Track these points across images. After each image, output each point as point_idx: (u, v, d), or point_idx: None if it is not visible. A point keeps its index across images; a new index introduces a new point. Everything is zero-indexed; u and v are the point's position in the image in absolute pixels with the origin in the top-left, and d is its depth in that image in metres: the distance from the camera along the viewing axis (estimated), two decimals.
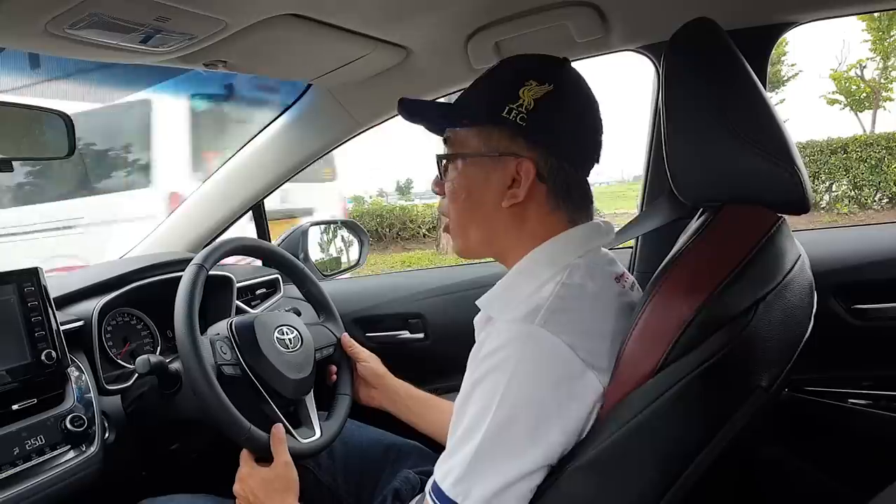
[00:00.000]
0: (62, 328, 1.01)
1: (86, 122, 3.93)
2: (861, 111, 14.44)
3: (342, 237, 1.81)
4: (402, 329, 1.58)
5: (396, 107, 0.83)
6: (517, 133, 0.73)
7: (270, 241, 1.64)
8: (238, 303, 1.38)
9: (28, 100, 1.11)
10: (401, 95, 1.35)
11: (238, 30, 0.93)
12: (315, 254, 1.70)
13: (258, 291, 1.54)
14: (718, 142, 0.68)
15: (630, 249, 1.35)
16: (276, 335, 1.03)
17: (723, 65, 0.71)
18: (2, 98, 1.00)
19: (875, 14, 10.69)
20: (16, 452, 0.88)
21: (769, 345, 0.64)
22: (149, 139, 3.94)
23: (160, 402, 1.03)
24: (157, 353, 1.23)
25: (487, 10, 1.07)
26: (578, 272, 0.72)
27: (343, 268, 1.79)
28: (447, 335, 1.52)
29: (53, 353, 0.96)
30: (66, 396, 0.99)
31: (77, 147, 1.05)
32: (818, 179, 9.55)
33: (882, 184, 9.32)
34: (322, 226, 1.77)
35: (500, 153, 0.74)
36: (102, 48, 0.92)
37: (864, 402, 1.16)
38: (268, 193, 1.58)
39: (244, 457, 0.93)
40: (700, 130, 0.70)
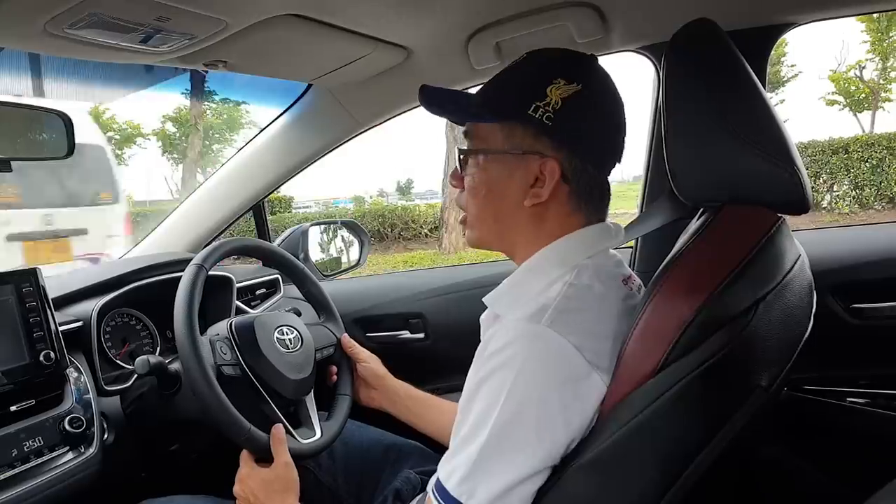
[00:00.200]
0: (61, 329, 1.00)
1: None
2: (860, 112, 14.49)
3: (342, 237, 1.81)
4: (403, 329, 1.58)
5: (397, 106, 0.83)
6: (542, 132, 0.72)
7: (271, 242, 1.64)
8: (238, 303, 1.38)
9: (27, 100, 1.11)
10: (401, 96, 1.35)
11: (238, 30, 0.93)
12: (315, 254, 1.70)
13: (258, 292, 1.54)
14: (718, 142, 0.68)
15: (630, 249, 1.35)
16: (276, 335, 1.03)
17: (723, 65, 0.71)
18: (0, 98, 1.00)
19: (874, 15, 10.72)
20: (14, 454, 0.88)
21: (769, 344, 0.64)
22: None
23: (160, 403, 1.03)
24: (157, 354, 1.23)
25: (488, 11, 1.07)
26: (586, 273, 0.72)
27: (343, 268, 1.79)
28: (448, 335, 1.52)
29: (52, 354, 0.96)
30: (65, 397, 0.98)
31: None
32: (819, 179, 9.55)
33: (883, 184, 9.33)
34: (322, 226, 1.77)
35: (524, 151, 0.73)
36: (102, 48, 0.92)
37: (863, 401, 1.16)
38: (268, 193, 1.58)
39: (244, 457, 0.93)
40: (700, 131, 0.70)
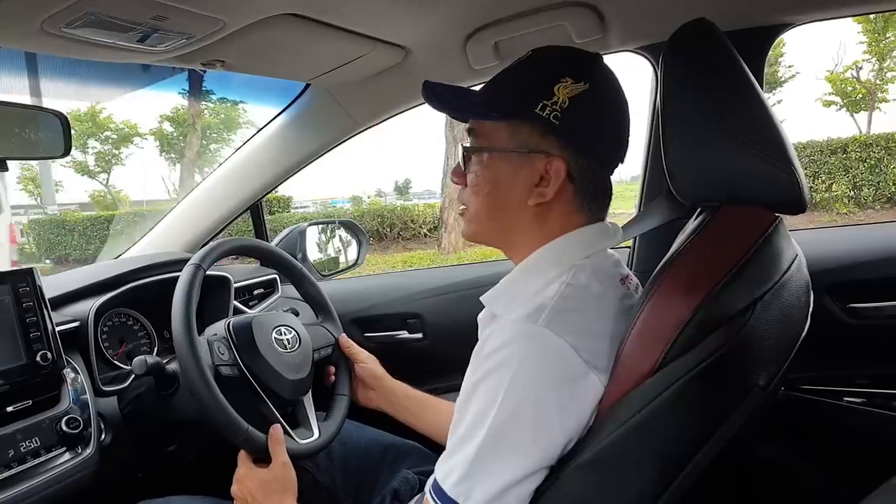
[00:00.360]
0: (58, 329, 1.00)
1: None
2: (857, 112, 14.52)
3: (340, 237, 1.81)
4: (401, 329, 1.58)
5: (395, 106, 0.82)
6: (549, 131, 0.72)
7: (268, 242, 1.64)
8: (236, 303, 1.38)
9: (24, 99, 1.10)
10: (399, 95, 1.35)
11: (236, 29, 0.93)
12: (313, 254, 1.69)
13: (256, 292, 1.54)
14: (716, 142, 0.68)
15: (628, 249, 1.36)
16: (274, 335, 1.03)
17: (720, 65, 0.71)
18: None
19: (871, 16, 10.74)
20: (10, 455, 0.87)
21: (766, 344, 0.64)
22: None
23: (157, 404, 1.02)
24: (154, 354, 1.23)
25: (486, 11, 1.07)
26: (584, 273, 0.72)
27: (341, 268, 1.79)
28: (446, 335, 1.52)
29: (49, 355, 0.96)
30: (62, 398, 0.98)
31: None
32: (818, 179, 9.56)
33: (882, 184, 9.34)
34: (320, 226, 1.76)
35: (530, 150, 0.73)
36: (99, 47, 0.92)
37: (859, 401, 1.17)
38: (266, 193, 1.58)
39: (242, 458, 0.93)
40: (698, 131, 0.70)
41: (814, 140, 9.66)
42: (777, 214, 0.71)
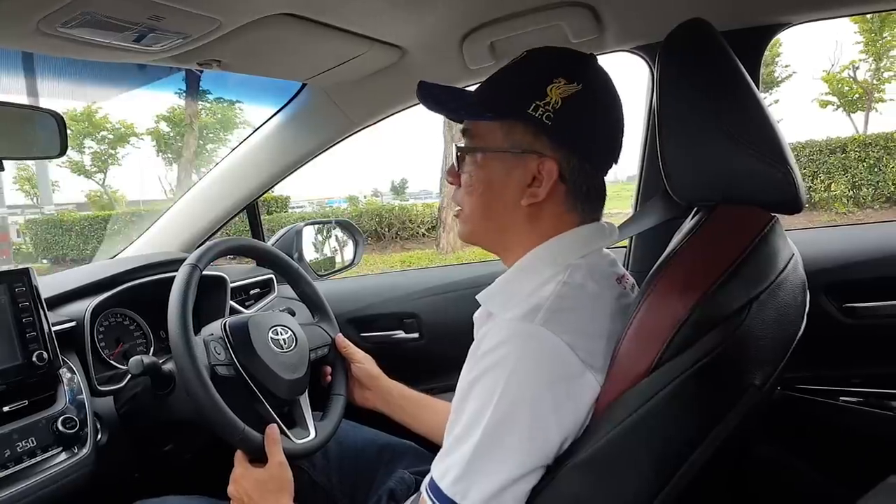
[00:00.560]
0: (54, 329, 1.00)
1: None
2: (853, 112, 14.54)
3: (336, 237, 1.81)
4: (397, 329, 1.58)
5: (392, 105, 0.82)
6: (542, 131, 0.72)
7: (265, 241, 1.63)
8: (232, 303, 1.38)
9: (21, 98, 1.10)
10: (396, 95, 1.35)
11: (232, 29, 0.93)
12: (309, 254, 1.69)
13: (252, 291, 1.54)
14: (712, 142, 0.68)
15: (624, 249, 1.36)
16: (271, 335, 1.03)
17: (717, 65, 0.71)
18: None
19: (868, 16, 10.77)
20: (7, 455, 0.87)
21: (763, 343, 0.64)
22: None
23: (153, 403, 1.02)
24: (151, 354, 1.22)
25: (482, 11, 1.07)
26: (580, 272, 0.72)
27: (338, 268, 1.79)
28: (442, 335, 1.52)
29: (45, 355, 0.96)
30: (58, 398, 0.98)
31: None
32: (817, 179, 9.57)
33: (881, 183, 9.35)
34: (316, 226, 1.76)
35: (523, 150, 0.73)
36: (95, 47, 0.92)
37: (855, 400, 1.17)
38: (262, 193, 1.58)
39: (238, 457, 0.93)
40: (694, 131, 0.70)
41: (813, 139, 9.68)
42: (773, 214, 0.71)
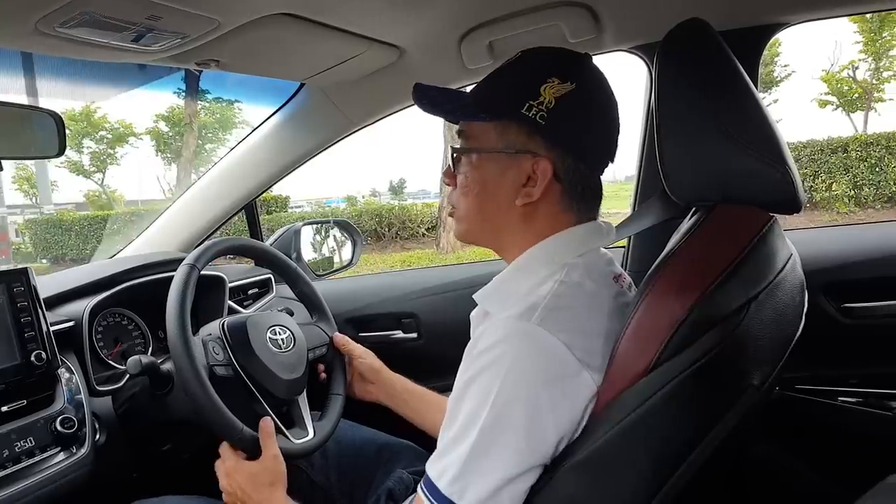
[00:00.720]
0: (52, 329, 1.00)
1: None
2: (853, 112, 14.55)
3: (335, 237, 1.81)
4: (396, 329, 1.58)
5: (390, 105, 0.82)
6: (536, 131, 0.72)
7: (263, 241, 1.63)
8: (230, 303, 1.38)
9: (20, 98, 1.10)
10: (394, 95, 1.35)
11: (231, 29, 0.93)
12: (308, 253, 1.69)
13: (250, 291, 1.54)
14: (710, 142, 0.68)
15: (623, 249, 1.36)
16: (269, 335, 1.03)
17: (715, 65, 0.71)
18: None
19: (867, 15, 10.76)
20: (5, 455, 0.87)
21: (761, 343, 0.64)
22: None
23: (152, 403, 1.02)
24: (149, 354, 1.22)
25: (481, 10, 1.07)
26: (577, 271, 0.72)
27: (336, 267, 1.79)
28: (440, 335, 1.52)
29: (43, 354, 0.96)
30: (57, 398, 0.98)
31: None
32: (818, 178, 9.54)
33: (882, 183, 9.33)
34: (314, 225, 1.76)
35: (517, 150, 0.73)
36: (93, 47, 0.91)
37: (854, 400, 1.17)
38: (260, 193, 1.58)
39: (228, 450, 0.92)
40: (692, 130, 0.70)
41: (814, 139, 9.65)
42: (771, 214, 0.71)
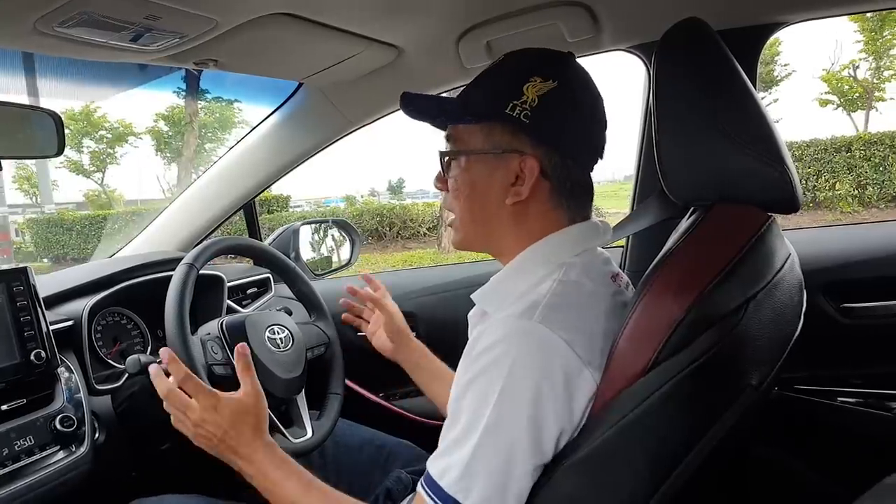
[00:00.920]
0: (52, 328, 1.00)
1: None
2: (854, 111, 14.52)
3: (333, 236, 1.81)
4: None
5: (388, 105, 0.82)
6: (520, 130, 0.72)
7: (262, 241, 1.63)
8: (229, 302, 1.38)
9: (20, 98, 1.10)
10: (392, 95, 1.34)
11: (229, 28, 0.93)
12: (306, 253, 1.69)
13: (249, 291, 1.54)
14: (709, 141, 0.68)
15: (621, 249, 1.36)
16: (267, 335, 1.03)
17: (713, 65, 0.71)
18: None
19: (867, 14, 10.75)
20: (5, 453, 0.87)
21: (759, 343, 0.64)
22: None
23: (150, 402, 1.02)
24: (148, 353, 1.23)
25: (479, 10, 1.07)
26: (574, 270, 0.72)
27: (334, 267, 1.79)
28: (440, 334, 1.52)
29: (43, 353, 0.96)
30: (56, 396, 0.98)
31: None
32: (821, 178, 9.49)
33: (886, 182, 9.28)
34: (313, 225, 1.76)
35: (504, 150, 0.74)
36: (92, 46, 0.92)
37: (853, 401, 1.17)
38: (259, 192, 1.58)
39: (202, 389, 0.82)
40: (690, 130, 0.70)
41: (817, 138, 9.59)
42: (770, 214, 0.71)
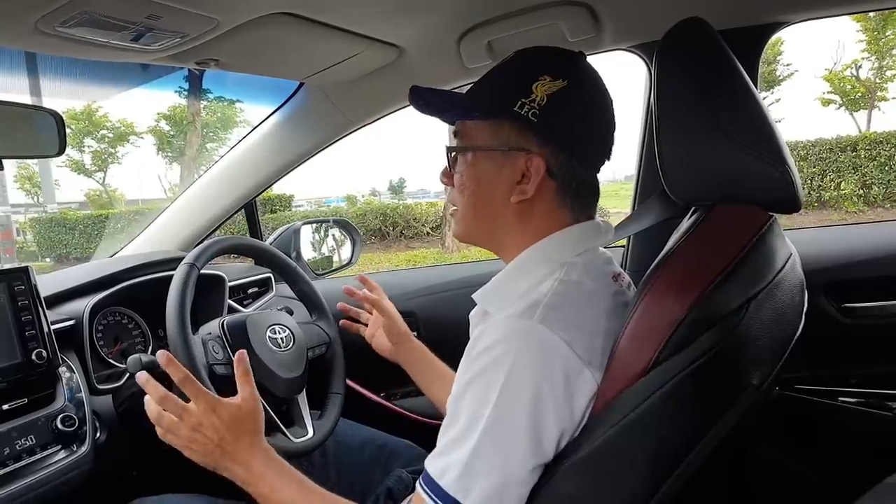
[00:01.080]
0: (53, 327, 1.00)
1: None
2: (856, 111, 14.50)
3: (334, 236, 1.81)
4: None
5: (389, 105, 0.82)
6: (528, 128, 0.72)
7: (263, 240, 1.64)
8: (230, 302, 1.38)
9: (21, 97, 1.10)
10: (393, 94, 1.34)
11: (230, 28, 0.93)
12: (307, 253, 1.69)
13: (250, 290, 1.54)
14: (710, 141, 0.68)
15: (622, 249, 1.35)
16: (269, 334, 1.03)
17: (714, 64, 0.71)
18: None
19: (869, 14, 10.73)
20: (6, 452, 0.88)
21: (760, 343, 0.64)
22: None
23: None
24: (149, 353, 1.23)
25: (480, 10, 1.07)
26: (576, 270, 0.72)
27: (335, 267, 1.79)
28: (440, 334, 1.52)
29: (44, 353, 0.96)
30: (57, 396, 0.98)
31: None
32: (826, 177, 9.46)
33: (891, 182, 9.25)
34: (314, 225, 1.76)
35: (511, 148, 0.74)
36: (93, 46, 0.92)
37: (853, 400, 1.17)
38: (260, 192, 1.58)
39: (201, 392, 0.81)
40: (692, 130, 0.70)
41: (822, 138, 9.57)
42: (771, 214, 0.71)
